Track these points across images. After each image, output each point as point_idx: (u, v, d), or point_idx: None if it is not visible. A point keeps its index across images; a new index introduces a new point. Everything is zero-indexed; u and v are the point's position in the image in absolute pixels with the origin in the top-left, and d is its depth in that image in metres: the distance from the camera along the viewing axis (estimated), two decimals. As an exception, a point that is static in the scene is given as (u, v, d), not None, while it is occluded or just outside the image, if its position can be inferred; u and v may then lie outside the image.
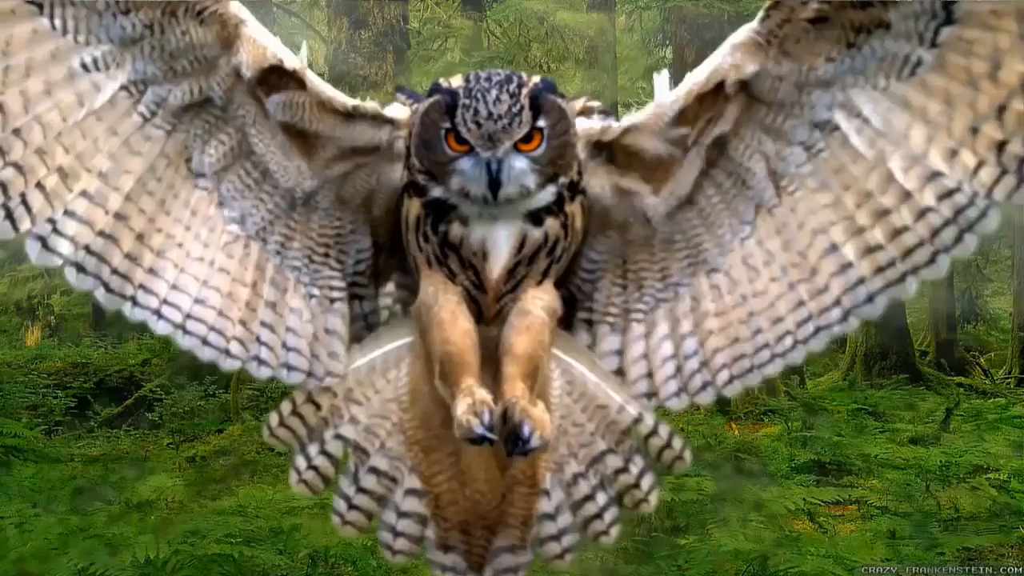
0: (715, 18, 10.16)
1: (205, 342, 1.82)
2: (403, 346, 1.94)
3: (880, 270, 1.74)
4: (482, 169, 1.73)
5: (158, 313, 1.80)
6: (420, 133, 1.79)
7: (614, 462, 1.93)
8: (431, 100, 1.77)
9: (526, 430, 1.69)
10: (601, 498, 1.93)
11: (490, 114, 1.71)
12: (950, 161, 1.68)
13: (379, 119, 1.85)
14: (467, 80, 1.76)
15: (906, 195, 1.71)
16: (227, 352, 1.84)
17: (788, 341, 1.81)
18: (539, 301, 1.87)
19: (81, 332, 14.04)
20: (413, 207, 1.84)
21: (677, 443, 1.91)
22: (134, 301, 1.79)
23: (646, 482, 1.93)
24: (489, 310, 1.87)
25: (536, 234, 1.82)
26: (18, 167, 1.69)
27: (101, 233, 1.75)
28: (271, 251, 1.89)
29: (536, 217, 1.81)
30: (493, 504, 1.94)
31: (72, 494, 6.11)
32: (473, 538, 1.95)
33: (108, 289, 1.77)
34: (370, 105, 1.84)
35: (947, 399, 10.85)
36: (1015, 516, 6.40)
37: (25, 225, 1.70)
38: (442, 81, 1.80)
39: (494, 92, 1.72)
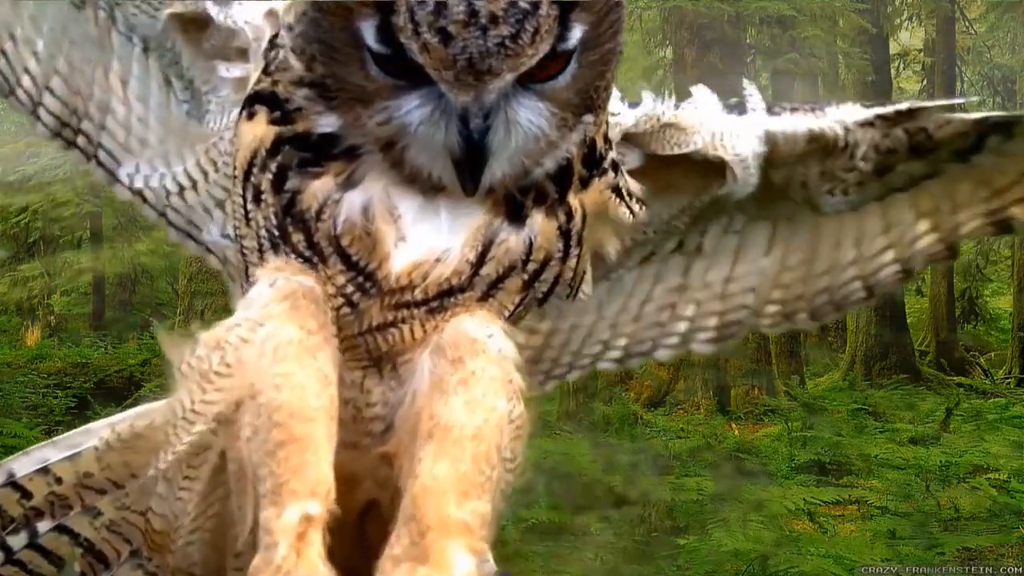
0: (715, 18, 10.18)
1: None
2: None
3: None
4: (449, 125, 0.92)
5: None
6: (313, 20, 0.95)
7: None
8: None
9: None
10: None
11: (474, 14, 0.85)
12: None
13: None
14: None
15: None
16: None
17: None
18: (489, 330, 1.00)
19: (81, 332, 14.05)
20: (254, 131, 1.01)
21: None
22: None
23: None
24: (373, 334, 1.03)
25: (512, 240, 0.99)
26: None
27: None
28: None
29: (515, 202, 0.99)
30: None
31: (72, 494, 6.10)
32: None
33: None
34: None
35: (947, 399, 10.85)
36: (1015, 516, 6.39)
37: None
38: None
39: None
